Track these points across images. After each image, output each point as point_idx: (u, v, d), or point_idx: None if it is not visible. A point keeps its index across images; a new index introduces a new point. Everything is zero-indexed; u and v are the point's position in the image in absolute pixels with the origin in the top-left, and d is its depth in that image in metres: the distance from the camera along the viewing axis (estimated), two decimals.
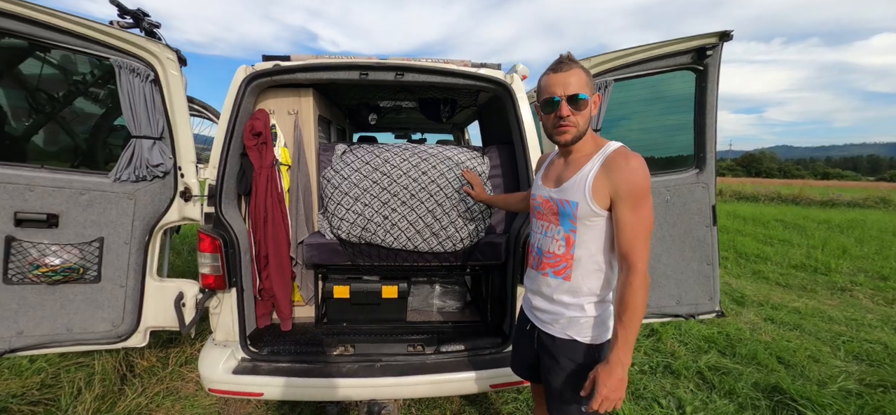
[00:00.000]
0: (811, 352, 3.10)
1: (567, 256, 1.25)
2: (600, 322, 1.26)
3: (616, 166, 1.13)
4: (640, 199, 1.11)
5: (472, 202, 2.01)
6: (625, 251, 1.11)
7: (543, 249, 1.31)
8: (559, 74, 1.18)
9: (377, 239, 1.99)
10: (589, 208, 1.16)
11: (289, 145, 2.19)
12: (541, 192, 1.35)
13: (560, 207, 1.24)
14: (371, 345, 2.01)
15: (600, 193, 1.15)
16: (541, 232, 1.34)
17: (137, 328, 2.01)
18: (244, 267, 2.00)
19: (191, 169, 1.94)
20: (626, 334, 1.10)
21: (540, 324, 1.35)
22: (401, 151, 2.04)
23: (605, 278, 1.24)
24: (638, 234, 1.10)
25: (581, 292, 1.24)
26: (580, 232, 1.20)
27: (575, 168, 1.22)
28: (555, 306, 1.29)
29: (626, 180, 1.11)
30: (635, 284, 1.08)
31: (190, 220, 2.02)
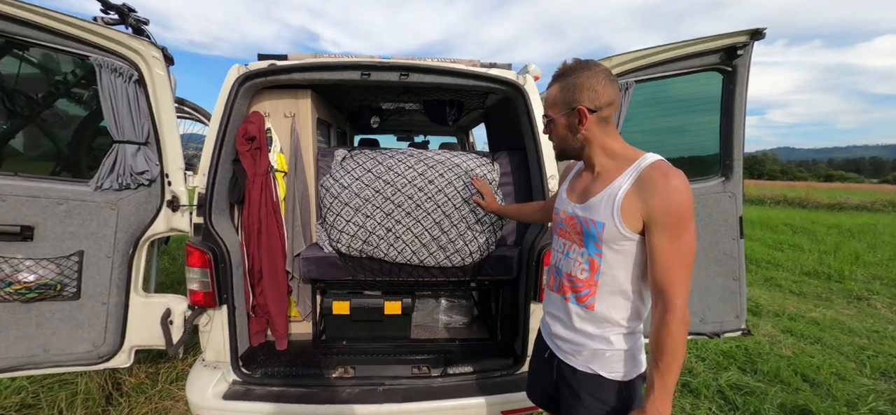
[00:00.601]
0: (836, 369, 2.94)
1: (591, 282, 1.10)
2: (630, 357, 1.11)
3: (652, 185, 0.96)
4: (681, 225, 0.94)
5: (483, 213, 1.86)
6: (660, 285, 0.95)
7: (564, 271, 1.17)
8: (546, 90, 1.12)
9: (380, 253, 1.84)
10: (617, 231, 1.01)
11: (285, 151, 2.04)
12: (564, 206, 1.20)
13: (584, 226, 1.09)
14: (373, 366, 1.86)
15: (631, 214, 0.99)
16: (562, 251, 1.19)
17: (121, 348, 1.86)
18: (236, 282, 1.86)
19: (179, 176, 1.80)
20: (664, 382, 0.95)
21: (560, 353, 1.21)
22: (405, 158, 1.89)
23: (635, 308, 1.09)
24: (676, 266, 0.94)
25: (607, 323, 1.10)
26: (606, 256, 1.05)
27: (603, 182, 1.06)
28: (577, 336, 1.14)
29: (663, 203, 0.94)
30: (673, 324, 0.93)
31: (178, 231, 1.87)
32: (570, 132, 1.08)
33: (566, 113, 1.06)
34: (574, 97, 1.04)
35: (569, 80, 1.05)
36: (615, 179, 1.03)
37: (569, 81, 1.05)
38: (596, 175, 1.10)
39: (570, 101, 1.05)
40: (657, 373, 0.96)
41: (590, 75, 1.03)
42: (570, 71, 1.06)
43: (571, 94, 1.04)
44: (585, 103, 1.03)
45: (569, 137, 1.09)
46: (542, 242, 1.82)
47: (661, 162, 1.01)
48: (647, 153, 1.04)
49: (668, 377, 0.95)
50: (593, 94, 1.03)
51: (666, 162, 1.01)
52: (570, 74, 1.05)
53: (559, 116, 1.08)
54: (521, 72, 2.01)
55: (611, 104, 1.04)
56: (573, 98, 1.04)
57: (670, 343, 0.93)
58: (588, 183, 1.13)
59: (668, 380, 0.95)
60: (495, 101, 2.71)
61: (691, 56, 1.85)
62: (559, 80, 1.08)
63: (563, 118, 1.07)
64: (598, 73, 1.04)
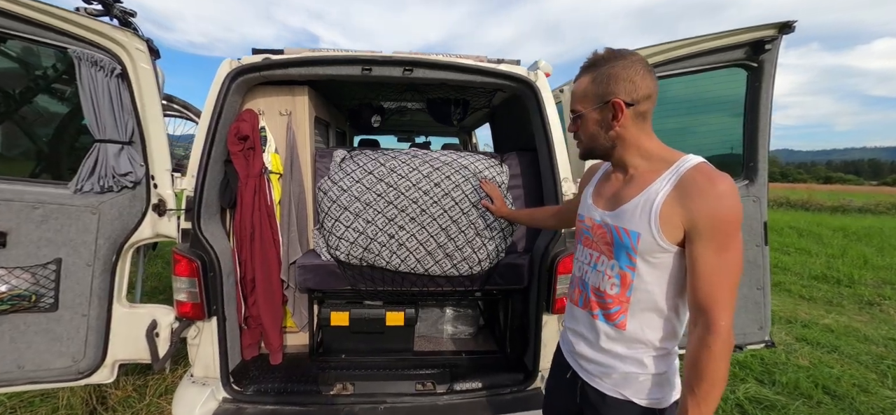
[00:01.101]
0: (857, 380, 2.82)
1: (622, 299, 0.98)
2: (665, 380, 0.99)
3: (696, 190, 0.85)
4: (728, 236, 0.83)
5: (492, 218, 1.73)
6: (702, 303, 0.84)
7: (592, 285, 1.05)
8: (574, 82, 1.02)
9: (382, 261, 1.71)
10: (654, 242, 0.90)
11: (280, 151, 1.92)
12: (591, 213, 1.08)
13: (616, 236, 0.97)
14: (373, 382, 1.74)
15: (671, 223, 0.88)
16: (589, 264, 1.07)
17: (103, 363, 1.73)
18: (227, 292, 1.73)
19: (165, 178, 1.67)
20: (700, 411, 0.84)
21: (585, 376, 1.08)
22: (409, 159, 1.76)
23: (670, 327, 0.97)
24: (721, 282, 0.83)
25: (639, 343, 0.98)
26: (640, 270, 0.94)
27: (637, 187, 0.95)
28: (606, 357, 1.03)
29: (709, 211, 0.83)
30: (715, 347, 0.82)
31: (165, 237, 1.74)
32: (601, 129, 0.96)
33: (598, 107, 0.95)
34: (608, 89, 0.92)
35: (602, 71, 0.93)
36: (652, 182, 0.92)
37: (602, 72, 0.93)
38: (628, 178, 0.98)
39: (604, 94, 0.93)
40: (693, 400, 0.85)
41: (626, 65, 0.91)
42: (602, 60, 0.94)
43: (605, 86, 0.92)
44: (621, 96, 0.91)
45: (600, 135, 0.97)
46: (556, 249, 1.70)
47: (704, 164, 0.89)
48: (688, 154, 0.93)
49: (705, 406, 0.84)
50: (631, 86, 0.91)
51: (709, 164, 0.90)
52: (604, 64, 0.93)
53: (590, 111, 0.96)
54: (532, 68, 1.89)
55: (649, 98, 0.93)
56: (607, 90, 0.92)
57: (711, 368, 0.82)
58: (619, 187, 1.01)
59: (706, 409, 0.84)
60: (502, 100, 2.59)
61: (716, 51, 1.73)
62: (590, 70, 0.96)
63: (595, 113, 0.96)
64: (636, 62, 0.92)
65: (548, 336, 1.77)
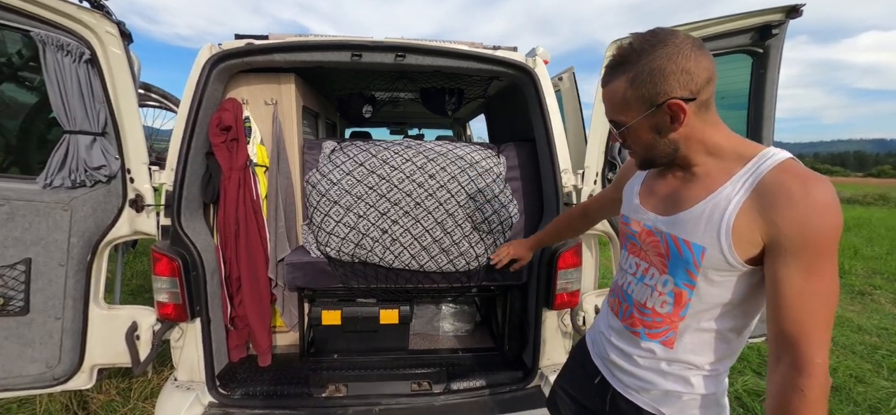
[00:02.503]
0: (852, 371, 2.83)
1: (673, 318, 0.84)
2: (713, 402, 0.86)
3: (784, 197, 0.68)
4: (823, 256, 0.67)
5: (490, 211, 1.66)
6: (791, 335, 0.68)
7: (636, 300, 0.90)
8: (602, 89, 0.84)
9: (374, 257, 1.63)
10: (723, 259, 0.74)
11: (266, 142, 1.82)
12: (639, 215, 0.91)
13: (673, 248, 0.81)
14: (367, 383, 1.67)
15: (748, 237, 0.72)
16: (634, 274, 0.92)
17: (80, 367, 1.64)
18: (212, 292, 1.64)
19: (142, 172, 1.57)
20: None
21: (619, 386, 0.95)
22: (402, 150, 1.68)
23: (727, 349, 0.83)
24: (815, 311, 0.67)
25: (686, 362, 0.85)
26: (700, 288, 0.79)
27: (703, 188, 0.78)
28: (645, 372, 0.90)
29: (801, 224, 0.66)
30: (811, 392, 0.65)
31: (144, 234, 1.64)
32: (659, 136, 0.78)
33: (650, 113, 0.75)
34: (658, 89, 0.73)
35: (641, 68, 0.74)
36: (722, 184, 0.75)
37: (641, 69, 0.74)
38: (690, 176, 0.81)
39: (653, 96, 0.74)
40: None
41: (672, 53, 0.72)
42: (637, 54, 0.74)
43: (653, 86, 0.73)
44: (678, 92, 0.72)
45: (658, 143, 0.79)
46: (556, 243, 1.64)
47: (793, 163, 0.71)
48: (770, 148, 0.74)
49: None
50: (686, 77, 0.72)
51: (799, 163, 0.72)
52: (641, 58, 0.74)
53: (639, 119, 0.77)
54: (530, 55, 1.81)
55: (709, 81, 0.74)
56: (657, 91, 0.73)
57: (803, 412, 0.66)
58: (677, 186, 0.84)
59: None
60: (499, 89, 2.51)
61: (721, 36, 1.66)
62: (623, 69, 0.76)
63: (647, 120, 0.77)
64: (683, 44, 0.72)
65: (547, 333, 1.71)
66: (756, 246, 0.72)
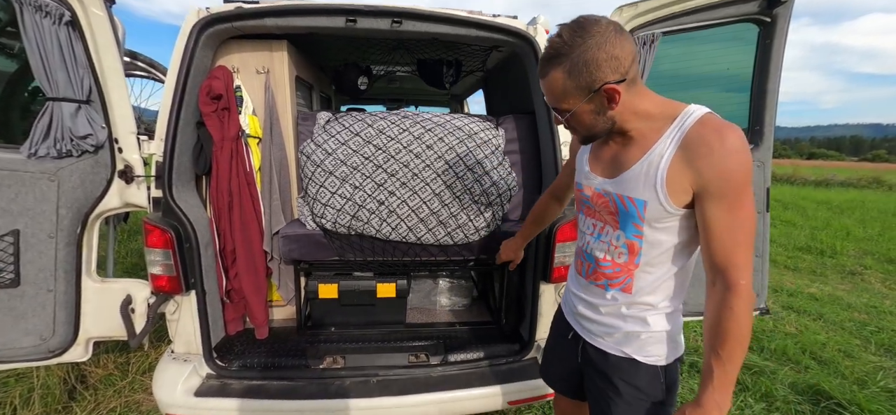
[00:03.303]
0: (841, 346, 2.89)
1: (629, 266, 0.95)
2: (670, 339, 0.97)
3: (704, 147, 0.79)
4: (741, 192, 0.79)
5: (489, 183, 1.63)
6: (720, 263, 0.82)
7: (597, 257, 1.00)
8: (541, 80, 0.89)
9: (371, 229, 1.61)
10: (662, 209, 0.86)
11: (258, 113, 1.77)
12: (589, 181, 1.00)
13: (620, 205, 0.92)
14: (365, 355, 1.67)
15: (679, 186, 0.83)
16: (592, 234, 1.02)
17: (75, 340, 1.63)
18: (206, 264, 1.62)
19: (130, 141, 1.52)
20: (726, 371, 0.82)
21: (586, 335, 1.07)
22: (399, 120, 1.63)
23: (678, 285, 0.95)
24: (738, 240, 0.80)
25: (644, 303, 0.95)
26: (648, 236, 0.91)
27: (638, 149, 0.88)
28: (608, 318, 1.00)
29: (719, 168, 0.78)
30: (737, 306, 0.80)
31: (135, 207, 1.61)
32: (598, 116, 0.86)
33: (589, 99, 0.83)
34: (593, 77, 0.80)
35: (574, 60, 0.80)
36: (654, 143, 0.85)
37: (575, 60, 0.80)
38: (627, 139, 0.91)
39: (590, 84, 0.81)
40: (717, 361, 0.82)
41: (599, 43, 0.78)
42: (568, 47, 0.80)
43: (587, 75, 0.80)
44: (611, 77, 0.80)
45: (597, 122, 0.87)
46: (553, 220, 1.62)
47: (710, 116, 0.82)
48: (690, 105, 0.85)
49: (730, 366, 0.81)
50: (615, 63, 0.79)
51: (716, 116, 0.83)
52: (574, 51, 0.80)
53: (580, 105, 0.84)
54: (531, 24, 1.75)
55: (634, 60, 0.83)
56: (592, 79, 0.80)
57: (735, 328, 0.80)
58: (618, 150, 0.94)
59: (731, 369, 0.82)
60: (498, 61, 2.44)
61: (729, 3, 1.61)
62: (558, 62, 0.82)
63: (587, 105, 0.84)
64: (606, 32, 0.79)
65: (545, 306, 1.72)
66: (687, 193, 0.83)
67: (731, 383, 0.82)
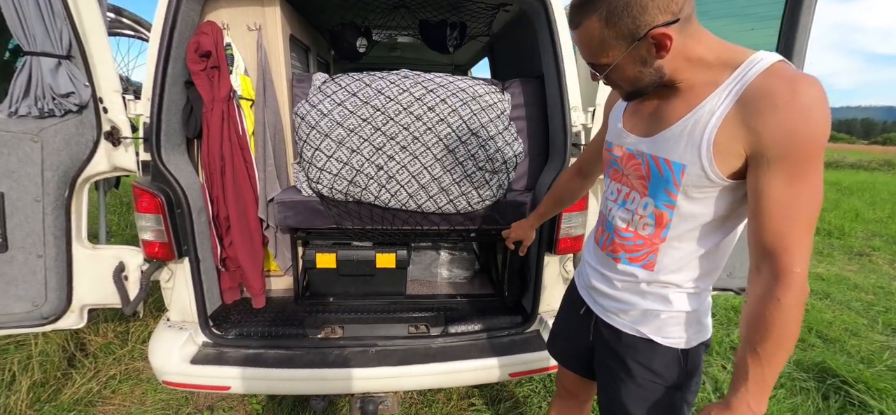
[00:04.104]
0: (848, 325, 2.85)
1: (654, 240, 0.83)
2: (694, 320, 0.86)
3: (768, 103, 0.64)
4: (808, 161, 0.64)
5: (494, 149, 1.55)
6: (770, 246, 0.67)
7: (618, 226, 0.89)
8: (572, 32, 0.77)
9: (369, 196, 1.54)
10: (704, 176, 0.72)
11: (251, 73, 1.67)
12: (621, 140, 0.88)
13: (654, 169, 0.79)
14: (364, 325, 1.64)
15: (730, 150, 0.69)
16: (615, 200, 0.90)
17: (69, 307, 1.60)
18: (199, 231, 1.57)
19: (116, 101, 1.44)
20: (764, 373, 0.69)
21: (600, 311, 0.97)
22: (399, 80, 1.54)
23: (709, 265, 0.83)
24: (795, 219, 0.65)
25: (666, 282, 0.84)
26: (681, 207, 0.77)
27: (685, 103, 0.74)
28: (624, 294, 0.90)
29: (786, 129, 0.63)
30: (786, 299, 0.65)
31: (124, 171, 1.55)
32: (644, 67, 0.72)
33: (632, 48, 0.70)
34: (638, 22, 0.67)
35: (612, 4, 0.67)
36: (706, 97, 0.71)
37: (614, 3, 0.67)
38: (674, 92, 0.77)
39: (634, 30, 0.68)
40: (754, 359, 0.69)
41: None
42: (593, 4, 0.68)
43: (631, 20, 0.67)
44: (660, 19, 0.66)
45: (643, 75, 0.74)
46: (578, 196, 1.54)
47: (782, 65, 0.67)
48: (758, 52, 0.69)
49: (768, 368, 0.69)
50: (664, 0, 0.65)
51: (790, 65, 0.67)
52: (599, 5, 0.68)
53: (622, 57, 0.72)
54: None
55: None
56: (636, 24, 0.67)
57: (779, 323, 0.66)
58: (659, 105, 0.80)
59: (769, 371, 0.69)
60: (505, 24, 2.31)
61: None
62: (592, 8, 0.69)
63: (630, 56, 0.71)
64: None
65: (549, 278, 1.66)
66: (738, 158, 0.69)
67: (768, 387, 0.70)
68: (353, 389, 1.50)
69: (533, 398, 2.03)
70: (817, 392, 2.09)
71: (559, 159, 1.61)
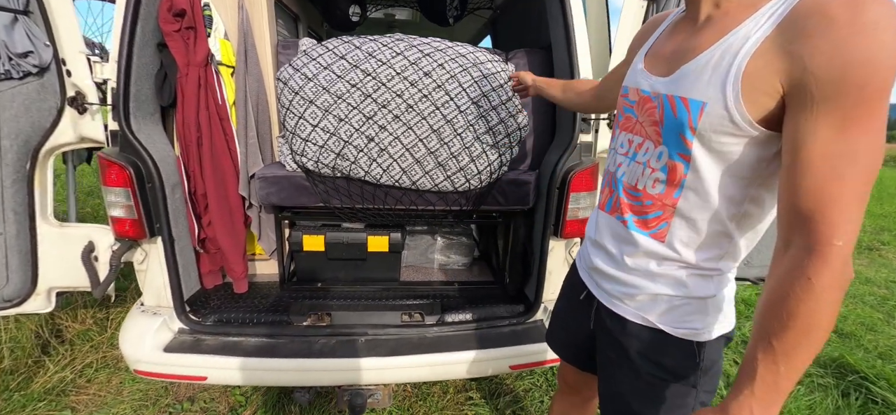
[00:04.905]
0: (863, 319, 2.74)
1: (666, 200, 0.69)
2: (714, 307, 0.73)
3: (819, 22, 0.50)
4: (868, 101, 0.49)
5: (495, 120, 1.41)
6: (805, 209, 0.51)
7: (627, 183, 0.76)
8: None
9: (359, 170, 1.41)
10: (726, 117, 0.58)
11: (231, 37, 1.54)
12: (638, 81, 0.75)
13: (668, 110, 0.66)
14: (353, 313, 1.52)
15: (763, 84, 0.55)
16: (625, 153, 0.78)
17: (35, 289, 1.48)
18: (174, 208, 1.44)
19: (80, 63, 1.31)
20: (777, 373, 0.53)
21: (603, 297, 0.84)
22: (392, 43, 1.40)
23: (730, 245, 0.69)
24: (846, 179, 0.50)
25: (680, 260, 0.71)
26: (697, 159, 0.64)
27: (715, 33, 0.62)
28: (630, 275, 0.77)
29: (844, 56, 0.48)
30: (819, 279, 0.50)
31: (93, 142, 1.42)
32: None
33: None
34: None
35: None
36: (743, 21, 0.58)
37: None
38: (705, 22, 0.65)
39: None
40: (767, 355, 0.53)
41: None
42: None
43: None
44: None
45: None
46: (570, 164, 1.42)
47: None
48: None
49: (786, 366, 0.52)
50: None
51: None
52: None
53: None
54: None
55: None
56: None
57: (806, 310, 0.50)
58: (685, 39, 0.68)
59: (787, 372, 0.52)
60: None
61: None
62: None
63: None
64: None
65: (553, 264, 1.54)
66: (773, 96, 0.54)
67: (782, 393, 0.53)
68: (341, 380, 1.39)
69: (534, 393, 1.91)
70: (836, 389, 1.97)
71: (567, 135, 1.48)
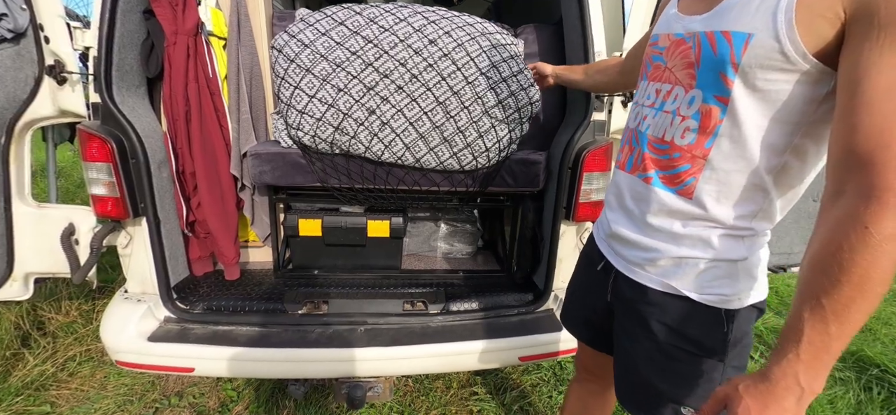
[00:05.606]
0: (877, 314, 2.66)
1: (695, 152, 0.63)
2: (745, 272, 0.66)
3: None
4: None
5: (506, 93, 1.32)
6: (867, 153, 0.46)
7: (653, 136, 0.70)
8: None
9: (359, 146, 1.32)
10: (777, 49, 0.52)
11: (223, 6, 1.44)
12: (671, 26, 0.69)
13: (707, 48, 0.60)
14: (352, 301, 1.43)
15: (822, 11, 0.49)
16: (652, 104, 0.71)
17: (11, 275, 1.38)
18: (161, 188, 1.35)
19: (58, 29, 1.22)
20: (828, 334, 0.47)
21: (622, 265, 0.77)
22: (396, 9, 1.30)
23: (766, 202, 0.63)
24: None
25: (708, 219, 0.65)
26: (737, 101, 0.57)
27: None
28: (652, 238, 0.70)
29: None
30: (881, 228, 0.44)
31: (74, 116, 1.32)
32: None
33: None
34: None
35: None
36: None
37: None
38: None
39: None
40: (816, 314, 0.47)
41: None
42: None
43: None
44: None
45: None
46: (583, 141, 1.33)
47: None
48: None
49: (837, 327, 0.46)
50: None
51: None
52: None
53: None
54: None
55: None
56: None
57: (862, 262, 0.44)
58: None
59: (838, 333, 0.47)
60: None
61: None
62: None
63: None
64: None
65: (564, 250, 1.45)
66: (833, 24, 0.49)
67: (831, 355, 0.48)
68: (338, 372, 1.29)
69: (542, 387, 1.82)
70: (857, 383, 1.89)
71: (579, 114, 1.40)
